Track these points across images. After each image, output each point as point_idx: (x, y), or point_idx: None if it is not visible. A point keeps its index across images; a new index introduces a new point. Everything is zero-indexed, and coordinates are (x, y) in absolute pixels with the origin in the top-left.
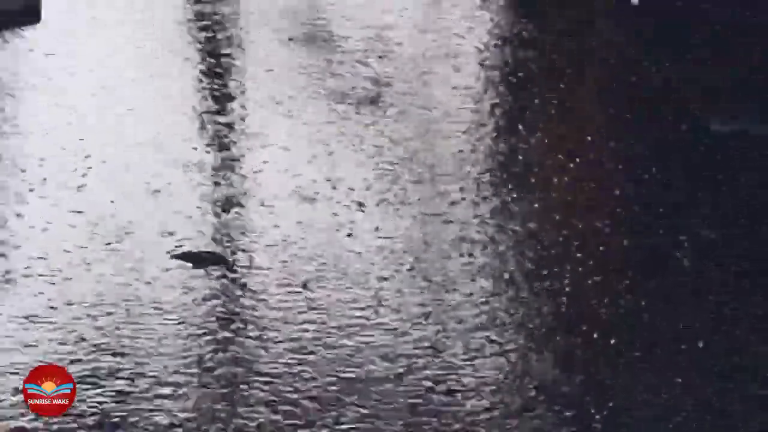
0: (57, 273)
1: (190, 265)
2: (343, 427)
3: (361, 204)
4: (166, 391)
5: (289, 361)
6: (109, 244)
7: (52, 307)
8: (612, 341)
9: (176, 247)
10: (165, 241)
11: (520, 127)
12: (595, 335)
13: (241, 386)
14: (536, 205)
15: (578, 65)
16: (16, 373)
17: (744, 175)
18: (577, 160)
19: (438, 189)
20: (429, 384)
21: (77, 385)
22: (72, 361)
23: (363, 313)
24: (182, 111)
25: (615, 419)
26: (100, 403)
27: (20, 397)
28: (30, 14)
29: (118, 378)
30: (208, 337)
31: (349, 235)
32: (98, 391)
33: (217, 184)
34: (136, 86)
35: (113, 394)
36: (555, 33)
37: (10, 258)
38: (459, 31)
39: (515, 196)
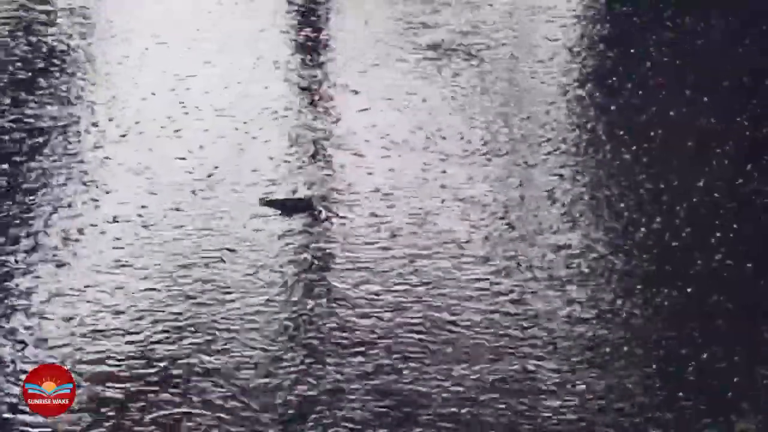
0: (147, 218)
1: (279, 211)
2: (430, 376)
3: (451, 154)
4: (253, 335)
5: (375, 311)
6: (200, 190)
7: (141, 254)
8: (712, 298)
9: (266, 194)
10: (255, 188)
11: (615, 78)
12: (690, 290)
13: (328, 334)
14: (629, 157)
15: (675, 26)
16: (110, 320)
17: None
18: (671, 113)
19: (530, 140)
20: (517, 334)
21: (168, 333)
22: (161, 307)
23: (452, 263)
24: (274, 60)
25: (712, 377)
26: (189, 349)
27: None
28: None
29: (206, 324)
30: (296, 284)
31: (443, 186)
32: (188, 336)
33: (308, 132)
34: (229, 35)
35: (201, 342)
36: None
37: (101, 202)
38: None
39: (609, 147)
